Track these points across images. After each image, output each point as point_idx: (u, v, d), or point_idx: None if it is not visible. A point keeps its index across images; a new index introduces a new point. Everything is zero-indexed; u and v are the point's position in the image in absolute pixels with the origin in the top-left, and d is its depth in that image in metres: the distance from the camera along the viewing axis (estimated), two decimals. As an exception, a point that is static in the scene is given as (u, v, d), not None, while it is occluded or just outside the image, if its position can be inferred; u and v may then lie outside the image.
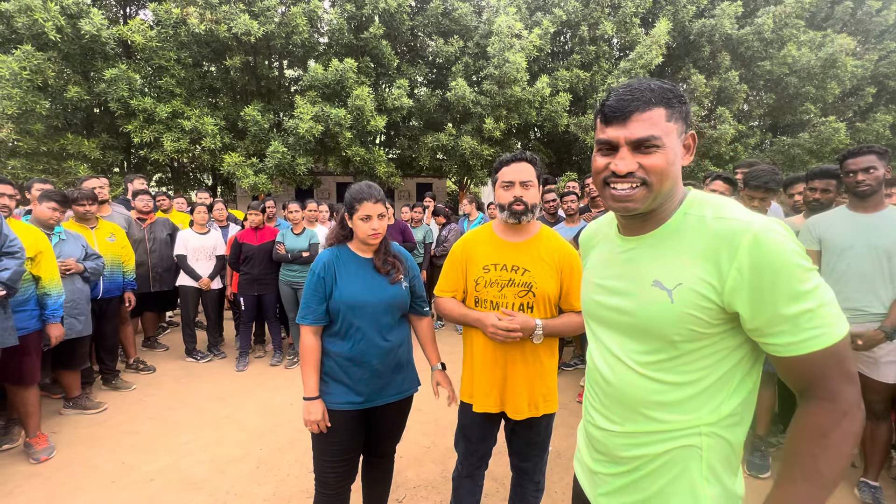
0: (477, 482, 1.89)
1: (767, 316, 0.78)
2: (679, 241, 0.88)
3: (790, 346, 0.78)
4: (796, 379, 0.82)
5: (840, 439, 0.77)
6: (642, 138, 0.85)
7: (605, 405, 0.99)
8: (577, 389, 3.82)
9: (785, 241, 0.78)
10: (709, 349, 0.85)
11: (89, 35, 7.58)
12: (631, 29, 10.36)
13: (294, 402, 3.65)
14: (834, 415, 0.78)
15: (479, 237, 1.80)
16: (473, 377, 1.75)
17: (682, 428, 0.88)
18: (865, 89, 11.54)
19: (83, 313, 3.26)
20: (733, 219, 0.82)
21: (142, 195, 4.60)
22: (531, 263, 1.66)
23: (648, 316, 0.89)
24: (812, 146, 10.53)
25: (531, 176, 1.67)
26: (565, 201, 4.07)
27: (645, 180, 0.86)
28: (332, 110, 8.61)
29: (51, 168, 8.63)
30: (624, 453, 0.95)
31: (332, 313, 1.81)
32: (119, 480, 2.62)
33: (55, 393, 3.64)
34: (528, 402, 1.68)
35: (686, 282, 0.84)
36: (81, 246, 3.32)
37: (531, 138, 12.15)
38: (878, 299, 2.25)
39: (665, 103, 0.86)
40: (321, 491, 1.84)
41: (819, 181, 2.73)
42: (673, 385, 0.88)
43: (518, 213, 1.65)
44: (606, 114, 0.89)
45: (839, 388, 0.78)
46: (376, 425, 1.91)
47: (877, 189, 2.25)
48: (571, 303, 1.70)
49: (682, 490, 0.89)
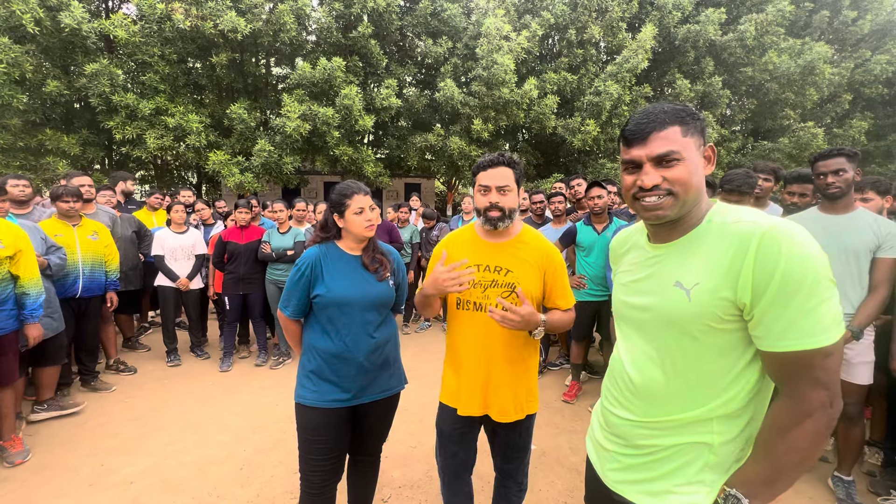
0: (463, 490, 1.85)
1: (758, 309, 0.85)
2: (702, 246, 0.95)
3: (763, 341, 0.86)
4: (771, 372, 0.90)
5: (799, 436, 0.84)
6: (662, 154, 0.94)
7: (627, 398, 1.07)
8: (563, 389, 3.86)
9: (792, 243, 0.82)
10: (721, 342, 0.92)
11: (69, 28, 7.43)
12: (618, 33, 10.53)
13: (279, 403, 3.61)
14: (796, 414, 0.85)
15: (461, 238, 1.76)
16: (460, 378, 1.70)
17: (697, 420, 0.95)
18: (842, 96, 11.92)
19: (56, 310, 3.17)
20: (748, 221, 0.90)
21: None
22: (514, 264, 1.64)
23: (667, 312, 0.97)
24: (792, 151, 10.82)
25: (509, 180, 1.60)
26: (553, 202, 4.11)
27: (670, 190, 0.95)
28: (320, 109, 8.57)
29: (28, 164, 8.43)
30: (640, 441, 1.03)
31: (320, 309, 1.81)
32: (98, 483, 2.57)
33: (30, 395, 3.55)
34: (513, 404, 1.66)
35: (703, 281, 0.92)
36: (40, 238, 3.17)
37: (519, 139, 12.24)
38: (847, 300, 2.30)
39: (679, 121, 0.95)
40: (306, 490, 1.83)
41: (796, 185, 2.81)
42: (687, 377, 0.96)
43: (494, 219, 1.60)
44: (627, 137, 0.99)
45: (804, 391, 0.84)
46: (363, 423, 1.91)
47: (846, 191, 2.30)
48: (556, 302, 1.70)
49: (685, 473, 0.97)
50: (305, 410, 1.81)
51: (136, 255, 4.57)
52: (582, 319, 3.62)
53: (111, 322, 4.20)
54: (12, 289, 2.76)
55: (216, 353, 4.72)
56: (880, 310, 2.29)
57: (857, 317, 2.27)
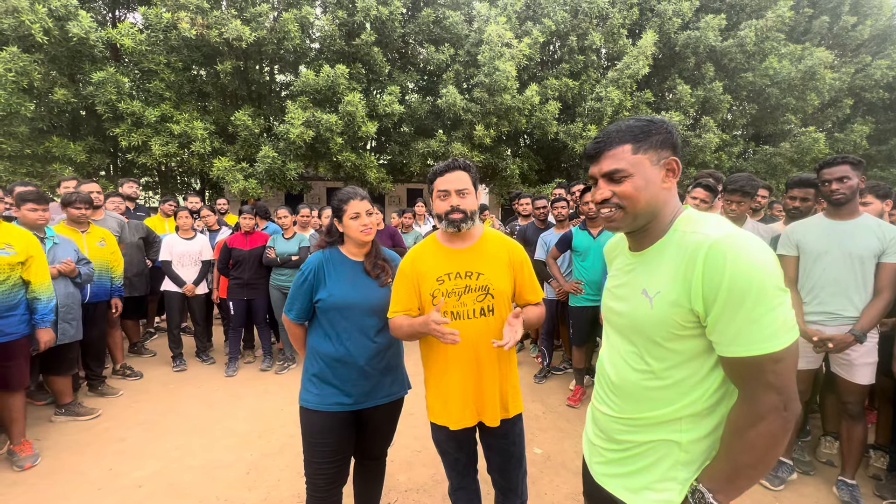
0: (472, 489, 1.86)
1: (711, 318, 0.89)
2: (665, 255, 1.01)
3: (718, 347, 0.91)
4: (728, 375, 0.94)
5: (755, 437, 0.88)
6: (609, 171, 1.02)
7: (607, 394, 1.15)
8: (567, 393, 3.87)
9: (736, 253, 0.86)
10: (687, 351, 0.97)
11: (77, 38, 7.52)
12: (618, 40, 10.59)
13: (284, 408, 3.63)
14: (750, 417, 0.89)
15: (426, 250, 1.73)
16: (448, 394, 1.66)
17: (666, 420, 1.01)
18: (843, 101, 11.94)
19: (76, 318, 3.24)
20: (700, 233, 0.94)
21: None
22: (483, 266, 1.65)
23: (635, 318, 1.04)
24: (793, 155, 10.84)
25: (467, 184, 1.63)
26: (556, 207, 4.15)
27: (619, 204, 1.02)
28: (324, 116, 8.64)
29: (35, 171, 8.50)
30: (617, 436, 1.10)
31: (322, 313, 1.84)
32: (106, 487, 2.59)
33: (39, 399, 3.58)
34: (501, 404, 1.67)
35: (664, 290, 0.97)
36: (73, 251, 3.29)
37: (521, 145, 12.30)
38: (852, 303, 2.33)
39: (632, 139, 1.01)
40: (312, 493, 1.85)
41: (798, 190, 2.83)
42: (656, 379, 1.01)
43: (457, 221, 1.61)
44: (586, 156, 1.09)
45: (757, 394, 0.88)
46: (367, 428, 1.94)
47: (851, 197, 2.34)
48: (526, 297, 1.73)
49: (658, 469, 1.02)
50: (309, 414, 1.84)
51: (143, 261, 4.62)
52: (582, 325, 3.63)
53: (118, 327, 4.24)
54: (24, 294, 2.80)
55: (221, 358, 4.74)
56: (884, 313, 2.31)
57: (860, 320, 2.30)
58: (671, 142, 1.02)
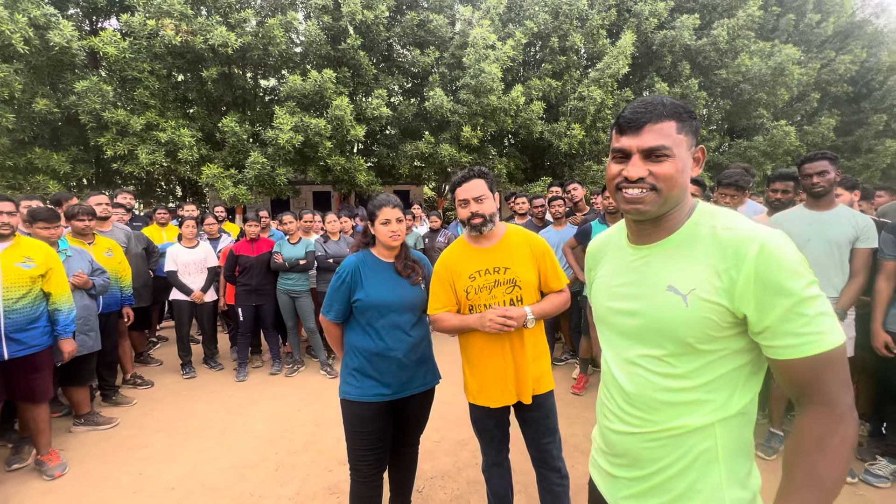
0: (504, 466, 2.04)
1: (770, 321, 0.82)
2: (692, 250, 0.93)
3: (789, 349, 0.82)
4: (795, 383, 0.85)
5: (838, 444, 0.80)
6: (653, 147, 0.91)
7: (622, 408, 1.02)
8: (571, 382, 4.07)
9: (787, 252, 0.84)
10: (720, 351, 0.90)
11: (59, 47, 7.40)
12: (598, 40, 10.90)
13: (300, 408, 3.73)
14: (831, 420, 0.81)
15: (456, 252, 1.94)
16: (485, 378, 1.86)
17: (697, 427, 0.92)
18: (811, 95, 12.53)
19: (93, 329, 3.28)
20: (742, 229, 0.89)
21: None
22: (510, 261, 1.85)
23: (662, 318, 0.93)
24: (766, 148, 11.34)
25: (483, 190, 1.82)
26: (553, 205, 4.33)
27: (654, 186, 0.92)
28: (312, 120, 8.68)
29: (17, 183, 8.32)
30: (644, 455, 0.98)
31: (360, 313, 1.98)
32: (141, 490, 2.67)
33: (54, 412, 3.60)
34: (532, 381, 1.86)
35: (699, 288, 0.89)
36: (88, 262, 3.34)
37: (507, 145, 12.52)
38: (832, 285, 2.60)
39: (676, 117, 0.92)
40: (357, 479, 1.99)
41: (780, 183, 3.10)
42: (686, 386, 0.93)
43: (478, 225, 1.82)
44: (622, 125, 0.95)
45: (835, 392, 0.81)
46: (403, 416, 2.09)
47: (829, 190, 2.61)
48: (550, 285, 1.92)
49: (703, 492, 0.92)
50: (351, 405, 1.97)
51: (147, 271, 4.64)
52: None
53: (126, 337, 4.27)
54: (45, 306, 2.85)
55: (227, 363, 4.80)
56: (860, 293, 2.59)
57: (840, 300, 2.56)
58: (698, 130, 0.96)
